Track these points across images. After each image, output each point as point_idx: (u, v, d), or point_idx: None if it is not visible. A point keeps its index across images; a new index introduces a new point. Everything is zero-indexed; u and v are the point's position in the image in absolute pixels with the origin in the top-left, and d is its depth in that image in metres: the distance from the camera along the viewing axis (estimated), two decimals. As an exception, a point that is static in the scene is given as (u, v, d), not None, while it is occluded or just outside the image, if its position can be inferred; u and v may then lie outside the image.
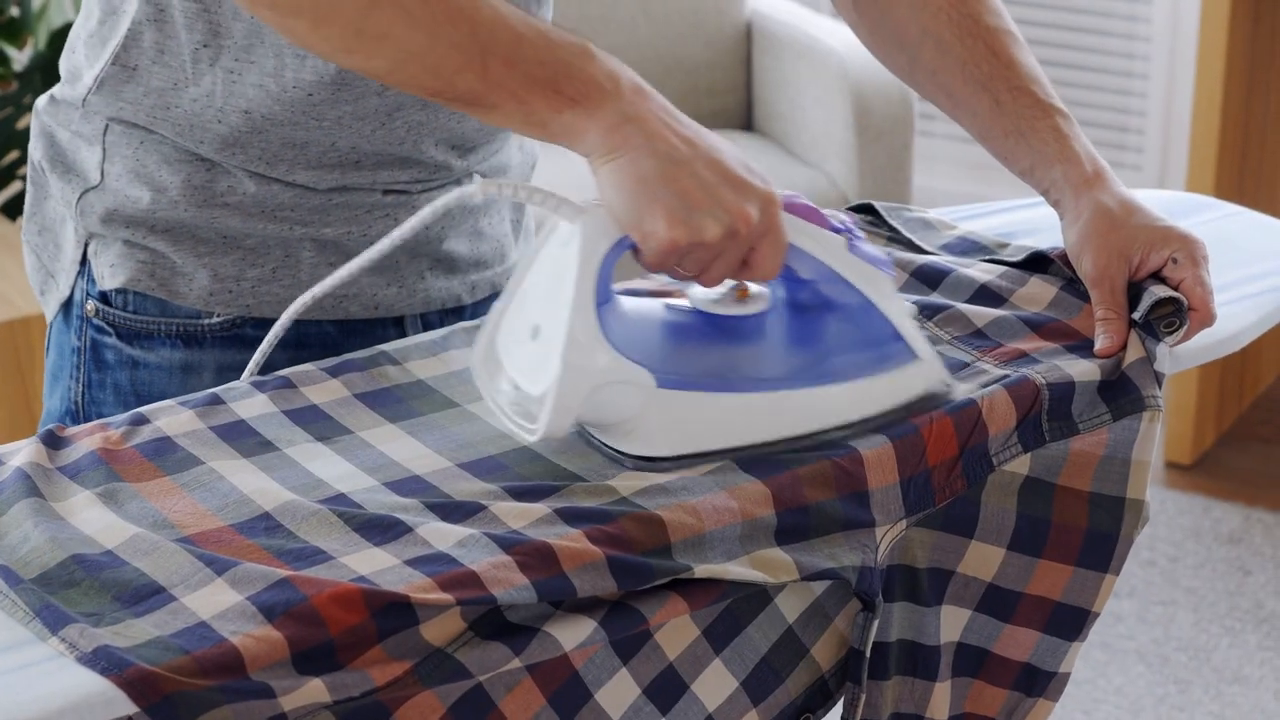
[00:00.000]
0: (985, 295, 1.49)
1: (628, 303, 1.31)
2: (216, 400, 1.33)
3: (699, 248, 1.24)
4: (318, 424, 1.32)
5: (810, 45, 3.52)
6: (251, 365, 1.39)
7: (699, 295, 1.32)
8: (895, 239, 1.59)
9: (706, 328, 1.31)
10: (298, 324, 1.44)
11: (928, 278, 1.52)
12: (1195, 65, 3.46)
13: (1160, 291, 1.43)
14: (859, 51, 3.51)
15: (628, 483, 1.26)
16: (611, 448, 1.28)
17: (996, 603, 1.37)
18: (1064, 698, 2.87)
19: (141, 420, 1.31)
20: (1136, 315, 1.42)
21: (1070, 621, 1.39)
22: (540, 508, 1.22)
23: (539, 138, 1.28)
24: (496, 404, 1.29)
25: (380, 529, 1.20)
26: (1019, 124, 1.50)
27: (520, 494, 1.24)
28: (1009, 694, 1.40)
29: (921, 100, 4.38)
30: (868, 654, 1.32)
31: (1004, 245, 1.58)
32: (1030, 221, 1.67)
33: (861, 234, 1.32)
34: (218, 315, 1.48)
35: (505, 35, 1.25)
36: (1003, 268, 1.53)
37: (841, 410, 1.31)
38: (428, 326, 1.53)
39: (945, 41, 1.53)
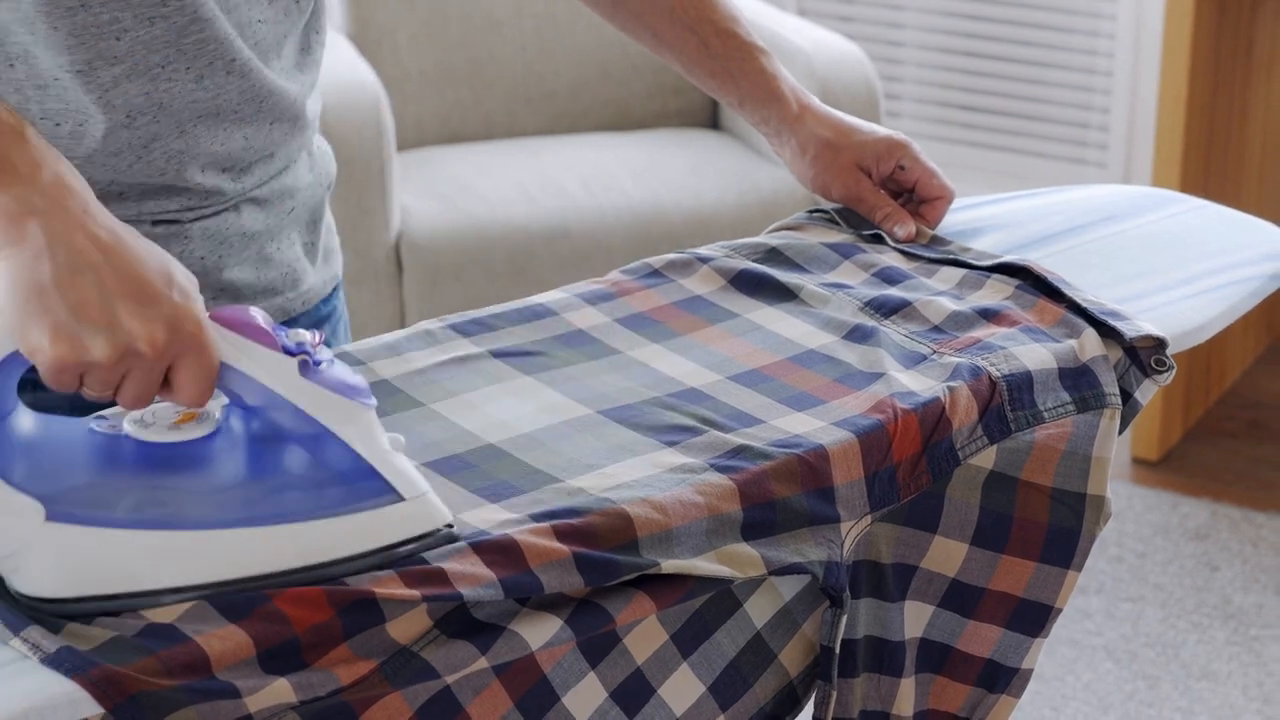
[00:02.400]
0: (945, 297, 1.50)
1: (42, 422, 1.16)
2: None
3: (92, 367, 1.10)
4: None
5: (776, 44, 3.52)
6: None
7: (130, 419, 1.16)
8: (873, 237, 1.60)
9: (133, 456, 1.15)
10: None
11: (889, 278, 1.54)
12: (1160, 60, 3.47)
13: (1143, 328, 1.43)
14: (825, 50, 3.52)
15: (596, 480, 1.25)
16: (9, 586, 1.13)
17: (959, 598, 1.38)
18: (1032, 694, 2.88)
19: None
20: (1127, 336, 1.43)
21: (1032, 617, 1.39)
22: (507, 506, 1.22)
23: None
24: None
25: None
26: (727, 65, 1.60)
27: (487, 493, 1.24)
28: (971, 690, 1.40)
29: (887, 97, 4.39)
30: (837, 650, 1.32)
31: (967, 250, 1.58)
32: (996, 217, 1.67)
33: (327, 355, 1.17)
34: None
35: None
36: (963, 272, 1.54)
37: (298, 551, 1.15)
38: None
39: None
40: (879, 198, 1.61)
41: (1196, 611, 3.12)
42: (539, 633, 1.17)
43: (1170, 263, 1.61)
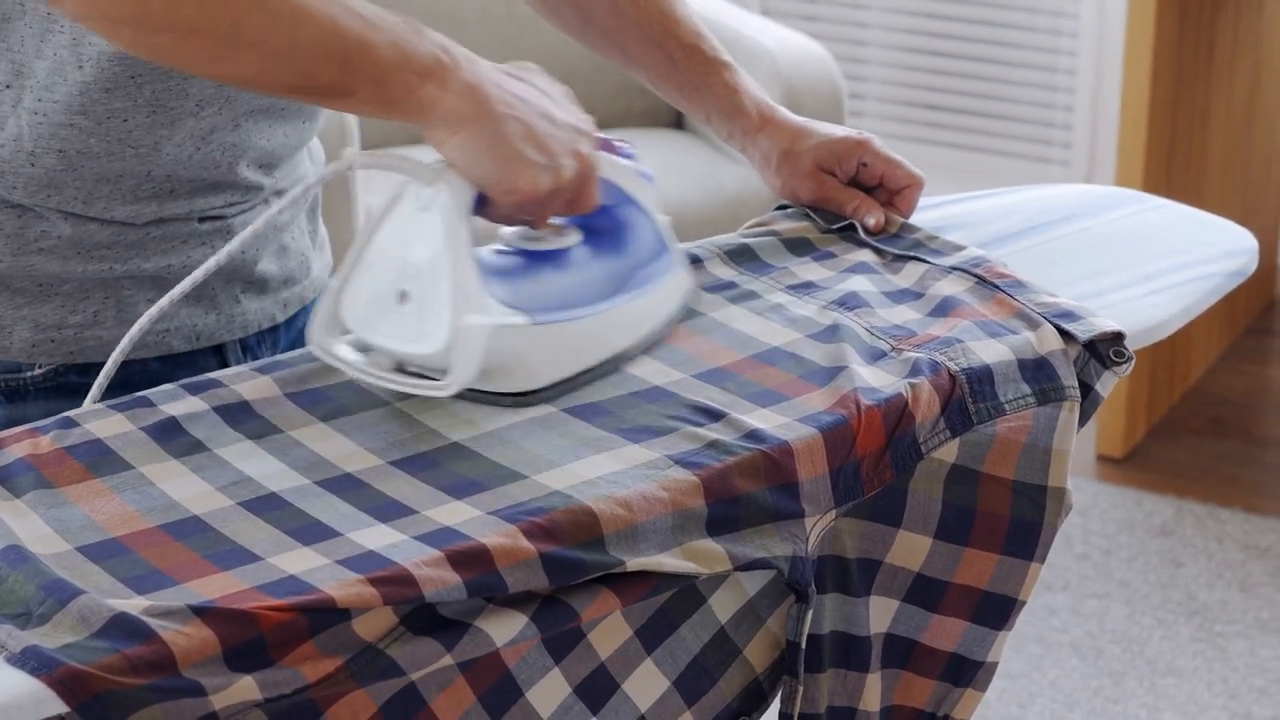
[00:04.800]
0: (906, 294, 1.52)
1: (477, 256, 1.36)
2: (145, 402, 1.32)
3: (560, 191, 1.33)
4: (249, 423, 1.31)
5: (741, 43, 3.53)
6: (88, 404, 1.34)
7: (521, 236, 1.40)
8: (846, 228, 1.61)
9: (543, 265, 1.39)
10: (68, 372, 1.44)
11: (855, 275, 1.55)
12: (1123, 59, 3.49)
13: (1097, 326, 1.44)
14: (790, 49, 3.53)
15: (561, 477, 1.26)
16: (491, 392, 1.33)
17: (924, 592, 1.38)
18: (999, 691, 2.89)
19: (70, 424, 1.30)
20: (1081, 339, 1.44)
21: (997, 610, 1.40)
22: (473, 503, 1.22)
23: (388, 117, 1.31)
24: (368, 373, 1.33)
25: (312, 528, 1.20)
26: (693, 79, 1.64)
27: (453, 490, 1.24)
28: (937, 684, 1.41)
29: (852, 97, 4.40)
30: (803, 645, 1.32)
31: (934, 239, 1.59)
32: (960, 216, 1.68)
33: (634, 150, 1.45)
34: (40, 366, 1.45)
35: (355, 23, 1.27)
36: (925, 266, 1.54)
37: (654, 314, 1.43)
38: (246, 350, 1.53)
39: (619, 4, 1.63)
40: (845, 193, 1.62)
41: (1161, 608, 3.13)
42: (504, 630, 1.17)
43: (1132, 260, 1.62)
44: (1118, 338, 1.45)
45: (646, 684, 1.28)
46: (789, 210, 1.65)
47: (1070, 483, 1.40)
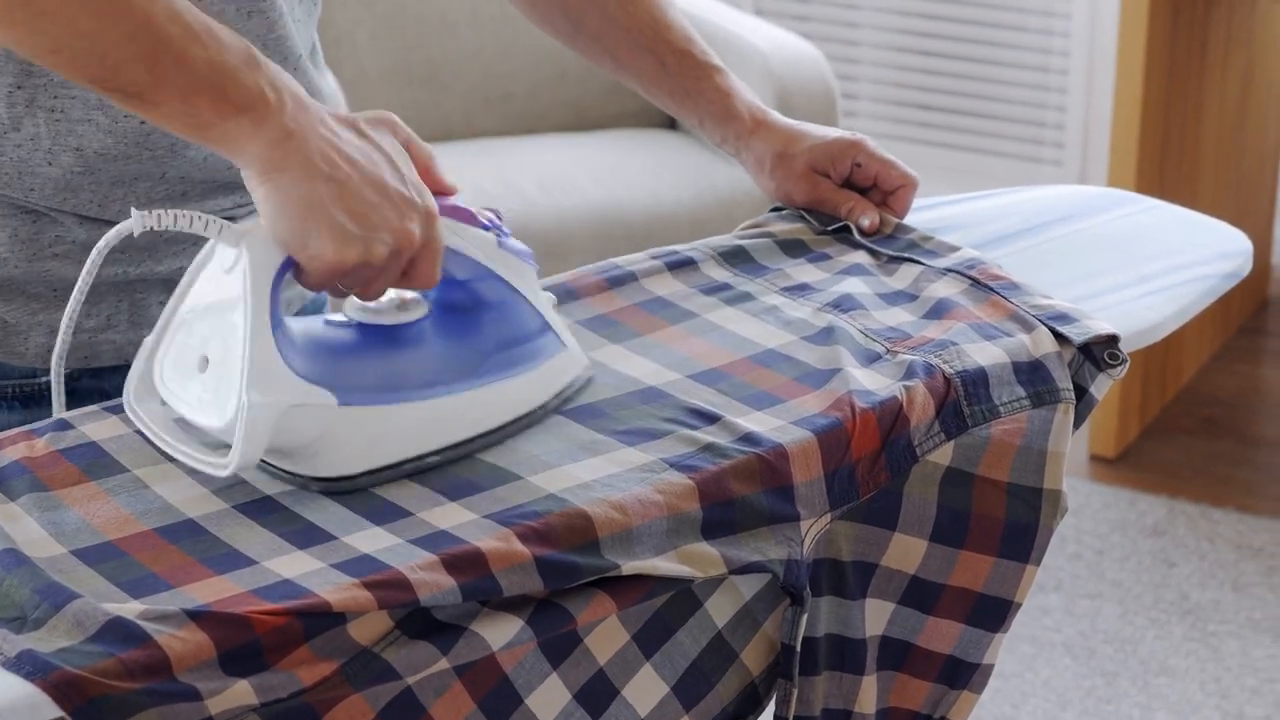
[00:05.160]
0: (900, 296, 1.52)
1: (295, 324, 1.27)
2: None
3: (366, 267, 1.22)
4: None
5: (733, 43, 3.53)
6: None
7: (356, 307, 1.29)
8: (840, 229, 1.61)
9: (375, 340, 1.28)
10: (82, 375, 1.44)
11: (850, 277, 1.54)
12: (1115, 60, 3.49)
13: (1091, 329, 1.44)
14: (782, 49, 3.53)
15: (556, 480, 1.26)
16: (295, 474, 1.24)
17: (919, 595, 1.38)
18: (992, 691, 2.89)
19: (65, 426, 1.30)
20: (1076, 341, 1.44)
21: (992, 612, 1.40)
22: (467, 505, 1.22)
23: (196, 140, 1.23)
24: (166, 442, 1.24)
25: (306, 532, 1.20)
26: (684, 84, 1.63)
27: (448, 491, 1.24)
28: (933, 687, 1.41)
29: (844, 97, 4.40)
30: (798, 649, 1.32)
31: (929, 239, 1.59)
32: (954, 218, 1.68)
33: (508, 230, 1.33)
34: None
35: (178, 30, 1.21)
36: (920, 268, 1.54)
37: (509, 406, 1.31)
38: None
39: (609, 10, 1.62)
40: (840, 194, 1.62)
41: (1154, 608, 3.13)
42: (500, 633, 1.17)
43: (1126, 262, 1.62)
44: (1112, 340, 1.45)
45: (646, 689, 1.27)
46: (783, 212, 1.65)
47: (1064, 484, 1.40)
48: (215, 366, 1.22)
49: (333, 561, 1.17)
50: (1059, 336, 1.44)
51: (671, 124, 3.80)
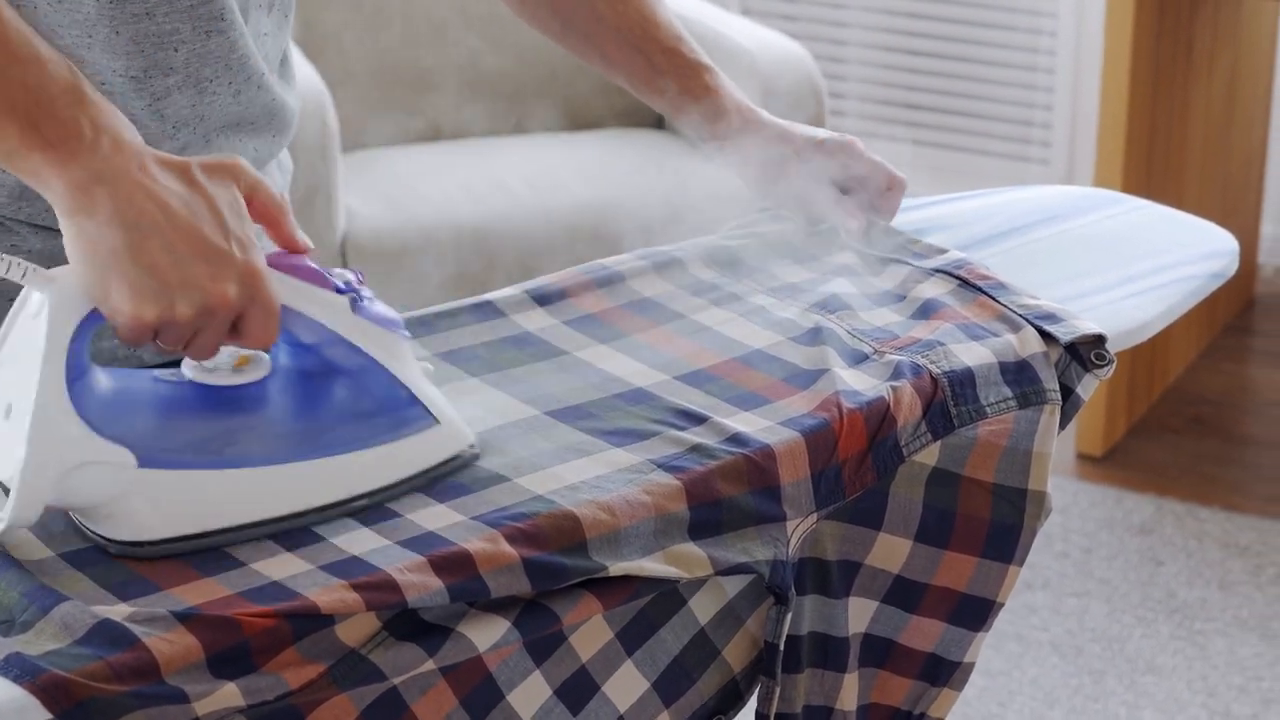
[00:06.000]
0: (888, 296, 1.52)
1: (112, 376, 1.20)
2: None
3: (170, 325, 1.15)
4: None
5: (720, 43, 3.53)
6: None
7: (192, 365, 1.22)
8: (827, 231, 1.61)
9: (200, 400, 1.21)
10: None
11: (837, 277, 1.55)
12: (1101, 59, 3.49)
13: (1079, 328, 1.45)
14: (769, 50, 3.53)
15: (544, 481, 1.26)
16: (95, 534, 1.18)
17: (903, 594, 1.38)
18: (978, 690, 2.89)
19: None
20: (1063, 341, 1.44)
21: (975, 612, 1.40)
22: (455, 507, 1.22)
23: (4, 167, 1.19)
24: None
25: (294, 533, 1.20)
26: (673, 83, 1.63)
27: (436, 493, 1.24)
28: (914, 684, 1.42)
29: (832, 97, 4.41)
30: (781, 647, 1.32)
31: (916, 242, 1.59)
32: (941, 218, 1.68)
33: (370, 293, 1.25)
34: None
35: None
36: (908, 269, 1.55)
37: (352, 481, 1.23)
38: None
39: (598, 8, 1.62)
40: (828, 196, 1.62)
41: (1141, 606, 3.14)
42: (487, 634, 1.17)
43: (1113, 262, 1.63)
44: (1099, 340, 1.45)
45: (626, 685, 1.28)
46: (771, 212, 1.65)
47: (1050, 484, 1.40)
48: (16, 416, 1.15)
49: (321, 563, 1.17)
50: (1046, 336, 1.44)
51: (660, 124, 3.80)
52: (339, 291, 1.23)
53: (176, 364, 1.24)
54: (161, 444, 1.18)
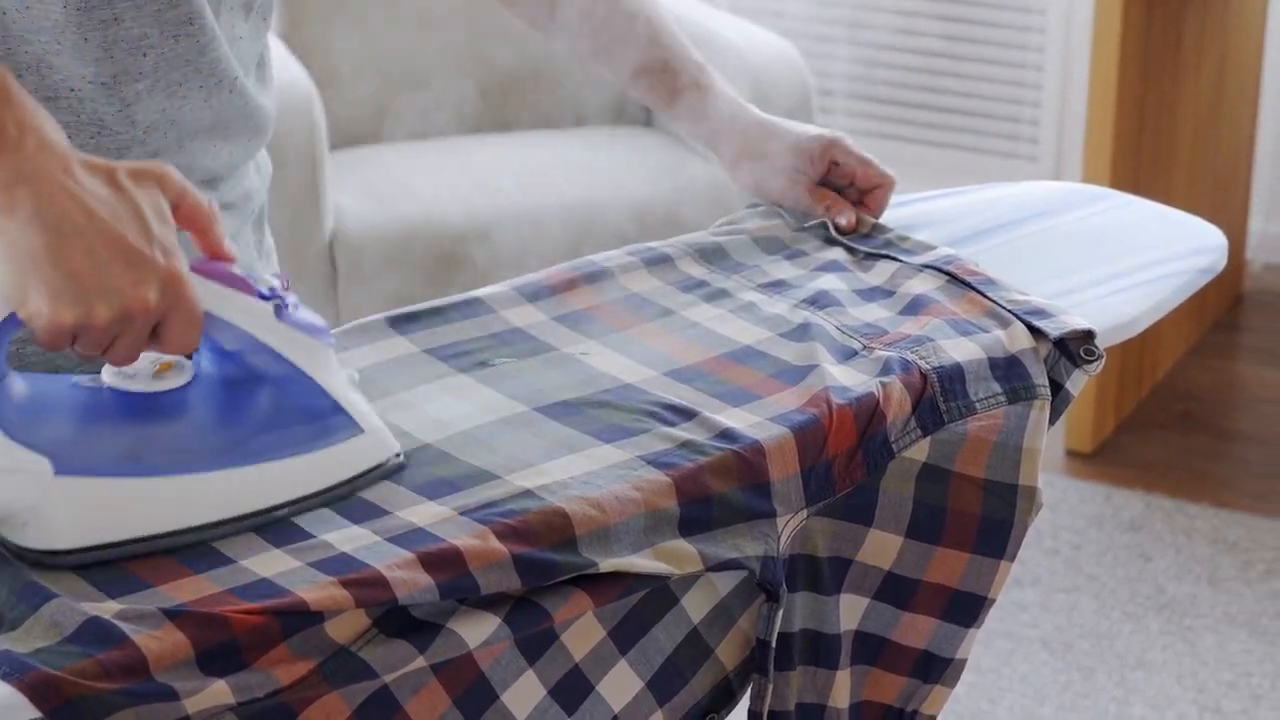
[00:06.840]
0: (877, 292, 1.52)
1: (29, 382, 1.19)
2: None
3: (88, 330, 1.13)
4: None
5: (709, 41, 3.53)
6: None
7: (112, 371, 1.20)
8: (817, 227, 1.61)
9: (119, 407, 1.20)
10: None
11: (826, 273, 1.55)
12: (1090, 55, 3.49)
13: (1068, 324, 1.45)
14: (758, 46, 3.53)
15: (534, 478, 1.25)
16: (9, 541, 1.16)
17: (894, 591, 1.38)
18: (968, 686, 2.89)
19: None
20: (1052, 336, 1.44)
21: (967, 608, 1.40)
22: (445, 503, 1.22)
23: None
24: None
25: (284, 531, 1.20)
26: (662, 78, 1.62)
27: (426, 490, 1.24)
28: (906, 681, 1.41)
29: (820, 93, 4.41)
30: (773, 644, 1.32)
31: (905, 239, 1.60)
32: (929, 214, 1.68)
33: (295, 299, 1.23)
34: None
35: None
36: (897, 264, 1.55)
37: (275, 490, 1.21)
38: None
39: (594, 10, 1.61)
40: (817, 192, 1.63)
41: (1131, 602, 3.14)
42: (477, 631, 1.17)
43: (1101, 257, 1.63)
44: (1088, 336, 1.45)
45: (620, 685, 1.28)
46: (760, 209, 1.65)
47: (1040, 480, 1.40)
48: None
49: (310, 560, 1.17)
50: (1035, 331, 1.44)
51: (648, 121, 3.80)
52: (263, 298, 1.21)
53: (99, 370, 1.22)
54: (79, 451, 1.16)
